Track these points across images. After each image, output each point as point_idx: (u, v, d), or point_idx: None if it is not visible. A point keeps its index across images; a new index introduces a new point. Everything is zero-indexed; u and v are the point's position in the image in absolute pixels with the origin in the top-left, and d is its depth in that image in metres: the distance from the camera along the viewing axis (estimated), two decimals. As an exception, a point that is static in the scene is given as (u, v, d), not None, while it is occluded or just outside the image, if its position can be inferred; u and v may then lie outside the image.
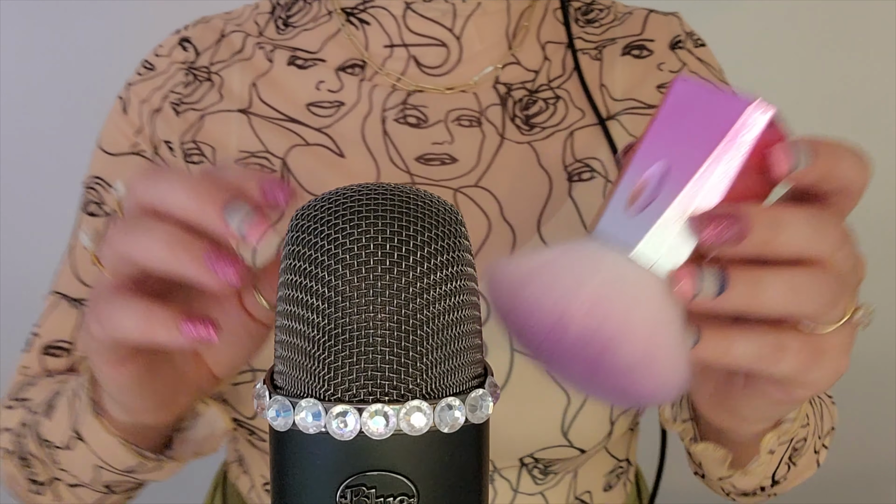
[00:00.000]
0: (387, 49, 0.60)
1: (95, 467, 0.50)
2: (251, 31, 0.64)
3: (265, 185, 0.37)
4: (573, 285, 0.33)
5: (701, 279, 0.32)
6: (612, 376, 0.33)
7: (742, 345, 0.34)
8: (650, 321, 0.32)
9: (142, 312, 0.36)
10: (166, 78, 0.63)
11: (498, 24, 0.61)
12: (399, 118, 0.59)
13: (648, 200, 0.34)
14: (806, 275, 0.33)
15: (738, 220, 0.32)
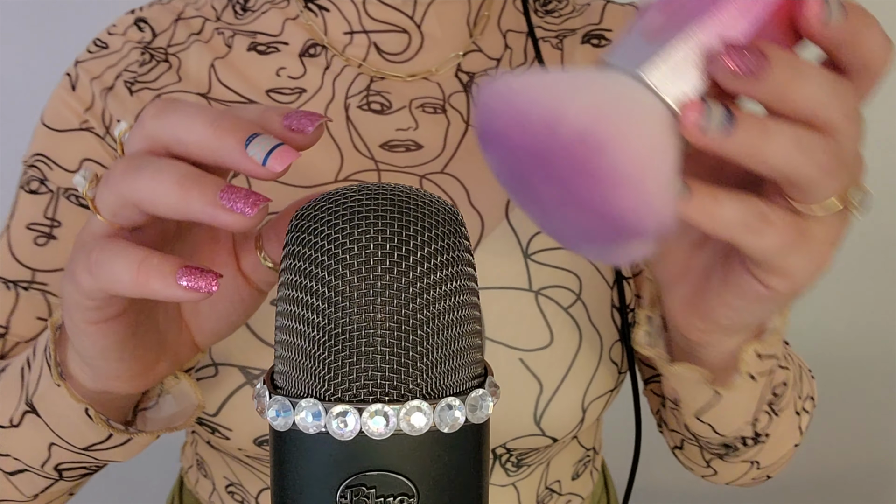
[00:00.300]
0: (347, 36, 0.60)
1: (49, 445, 0.46)
2: (209, 16, 0.62)
3: (289, 118, 0.35)
4: (572, 91, 0.31)
5: (708, 113, 0.31)
6: (598, 185, 0.31)
7: (729, 208, 0.33)
8: (647, 136, 0.31)
9: (138, 261, 0.34)
10: (120, 56, 0.60)
11: (458, 12, 0.61)
12: (362, 105, 0.59)
13: (665, 27, 0.32)
14: (812, 133, 0.32)
15: (758, 55, 0.30)
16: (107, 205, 0.35)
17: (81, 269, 0.35)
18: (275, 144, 0.33)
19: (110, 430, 0.45)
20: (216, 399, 0.53)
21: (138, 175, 0.33)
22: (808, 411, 0.57)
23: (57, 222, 0.59)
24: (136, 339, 0.39)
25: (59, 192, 0.59)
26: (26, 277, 0.58)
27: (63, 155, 0.59)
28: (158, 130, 0.34)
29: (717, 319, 0.40)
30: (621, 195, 0.31)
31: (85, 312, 0.37)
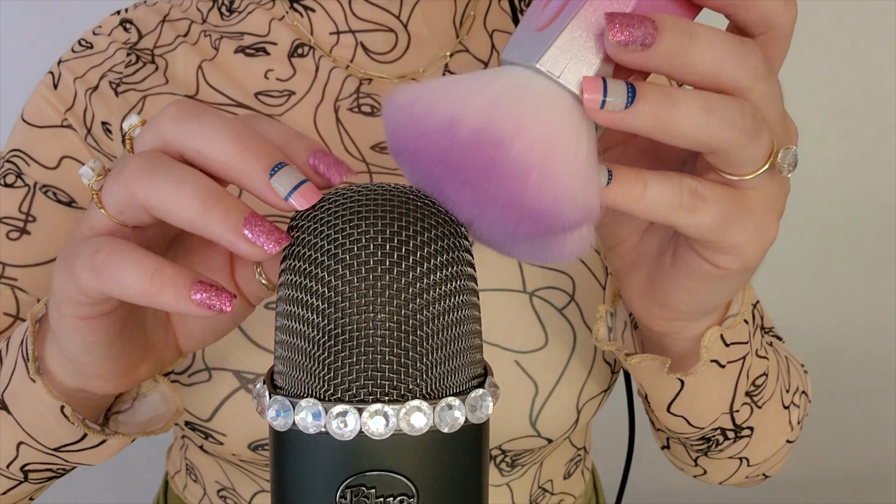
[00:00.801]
0: (333, 36, 0.60)
1: (17, 444, 0.44)
2: (195, 18, 0.62)
3: (318, 159, 0.34)
4: (469, 92, 0.30)
5: (609, 90, 0.30)
6: (506, 180, 0.30)
7: (656, 187, 0.32)
8: (550, 126, 0.30)
9: (151, 270, 0.32)
10: (105, 57, 0.60)
11: (444, 11, 0.61)
12: (353, 107, 0.59)
13: (554, 14, 0.31)
14: (721, 97, 0.30)
15: (646, 22, 0.29)
16: (115, 201, 0.33)
17: (84, 267, 0.33)
18: (301, 181, 0.32)
19: (86, 430, 0.43)
20: (210, 404, 0.52)
21: (156, 179, 0.32)
22: (799, 405, 0.56)
23: (32, 217, 0.57)
24: (122, 338, 0.38)
25: (36, 187, 0.58)
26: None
27: (41, 151, 0.59)
28: (178, 136, 0.33)
29: (675, 305, 0.39)
30: (532, 188, 0.30)
31: (76, 307, 0.35)
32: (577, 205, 0.30)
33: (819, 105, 1.27)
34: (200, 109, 0.33)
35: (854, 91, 1.27)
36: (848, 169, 1.27)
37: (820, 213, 1.26)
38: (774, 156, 0.33)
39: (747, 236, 0.34)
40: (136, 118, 0.35)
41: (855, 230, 1.28)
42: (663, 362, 0.44)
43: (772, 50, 0.33)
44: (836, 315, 1.35)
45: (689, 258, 0.36)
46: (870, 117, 1.27)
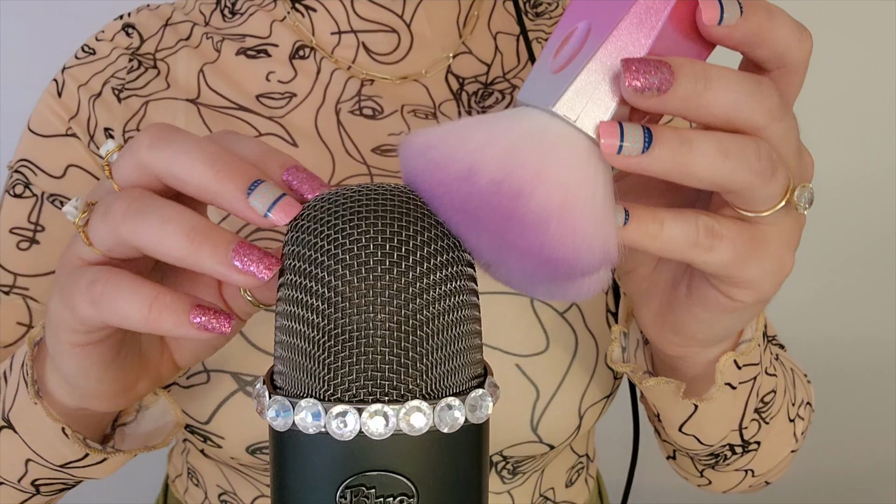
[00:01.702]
0: (334, 36, 0.60)
1: (25, 461, 0.45)
2: (197, 21, 0.62)
3: (291, 174, 0.34)
4: (487, 139, 0.31)
5: (625, 135, 0.30)
6: (525, 230, 0.30)
7: (673, 226, 0.32)
8: (568, 173, 0.30)
9: (150, 298, 0.33)
10: (108, 63, 0.60)
11: (448, 11, 0.61)
12: (354, 110, 0.59)
13: (570, 57, 0.32)
14: (737, 139, 0.31)
15: (662, 67, 0.29)
16: (103, 241, 0.34)
17: (83, 298, 0.34)
18: (278, 196, 0.32)
19: (87, 450, 0.44)
20: (208, 406, 0.52)
21: (142, 221, 0.32)
22: (804, 418, 0.56)
23: (40, 227, 0.58)
24: (118, 359, 0.39)
25: (44, 196, 0.59)
26: (8, 282, 0.58)
27: (47, 160, 0.59)
28: (153, 162, 0.33)
29: (689, 333, 0.39)
30: (551, 237, 0.30)
31: (73, 335, 0.36)
32: (596, 251, 0.31)
33: (819, 106, 1.27)
34: (174, 134, 0.33)
35: (854, 92, 1.27)
36: (848, 169, 1.27)
37: (820, 213, 1.26)
38: (791, 193, 0.33)
39: (763, 271, 0.34)
40: (113, 144, 0.35)
41: (855, 230, 1.28)
42: (678, 386, 0.45)
43: (787, 84, 0.33)
44: (836, 315, 1.35)
45: (704, 290, 0.36)
46: (870, 117, 1.27)
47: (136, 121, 0.58)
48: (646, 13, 0.31)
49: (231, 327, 0.34)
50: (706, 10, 0.31)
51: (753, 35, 0.32)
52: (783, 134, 0.32)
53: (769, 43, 0.32)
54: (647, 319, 0.42)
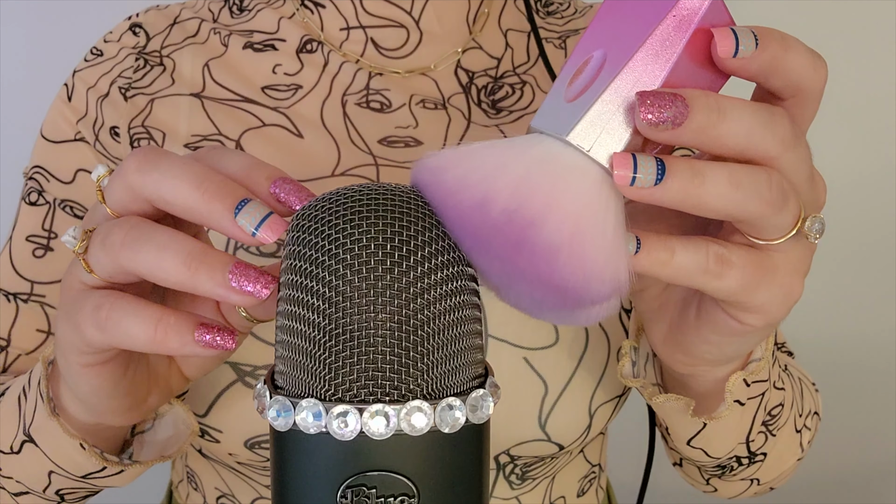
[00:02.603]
0: (343, 32, 0.60)
1: (48, 473, 0.47)
2: (206, 17, 0.63)
3: (278, 187, 0.34)
4: (500, 166, 0.31)
5: (638, 166, 0.30)
6: (536, 259, 0.30)
7: (683, 254, 0.33)
8: (580, 202, 0.30)
9: (155, 320, 0.34)
10: (115, 63, 0.61)
11: (458, 9, 0.61)
12: (361, 102, 0.59)
13: (585, 86, 0.32)
14: (749, 170, 0.31)
15: (676, 100, 0.30)
16: (103, 268, 0.35)
17: (89, 323, 0.35)
18: (266, 214, 0.33)
19: (104, 464, 0.45)
20: (207, 397, 0.52)
21: (140, 248, 0.33)
22: (811, 428, 0.56)
23: (54, 234, 0.59)
24: (127, 377, 0.40)
25: (56, 203, 0.60)
26: (25, 290, 0.59)
27: (59, 166, 0.60)
28: (142, 186, 0.34)
29: (698, 354, 0.40)
30: (562, 267, 0.30)
31: (82, 357, 0.37)
32: (606, 281, 0.31)
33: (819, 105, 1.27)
34: (161, 157, 0.34)
35: (854, 92, 1.27)
36: (848, 169, 1.27)
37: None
38: (802, 222, 0.33)
39: (772, 297, 0.34)
40: (103, 169, 0.36)
41: (854, 230, 1.28)
42: (688, 404, 0.45)
43: (801, 112, 0.34)
44: (836, 315, 1.35)
45: (713, 314, 0.37)
46: (870, 117, 1.27)
47: (141, 118, 0.59)
48: (661, 45, 0.31)
49: (235, 343, 0.35)
50: (721, 43, 0.31)
51: (769, 66, 0.32)
52: (796, 163, 0.32)
53: (784, 73, 0.32)
54: (657, 339, 0.42)
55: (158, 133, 0.58)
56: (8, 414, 0.47)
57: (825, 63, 0.33)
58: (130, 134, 0.59)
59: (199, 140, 0.57)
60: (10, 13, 1.17)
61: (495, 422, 0.52)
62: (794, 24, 1.37)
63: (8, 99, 1.17)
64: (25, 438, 0.46)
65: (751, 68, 0.32)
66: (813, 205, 0.34)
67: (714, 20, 0.31)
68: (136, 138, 0.58)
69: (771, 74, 0.32)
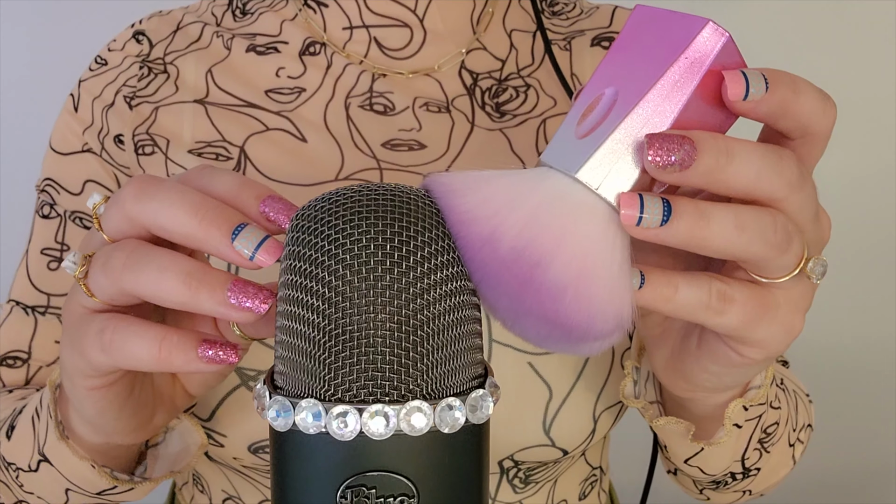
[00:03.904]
0: (346, 31, 0.60)
1: (65, 490, 0.48)
2: (209, 21, 0.63)
3: (267, 206, 0.35)
4: (510, 201, 0.31)
5: (645, 207, 0.31)
6: (542, 297, 0.31)
7: (686, 291, 0.33)
8: (586, 241, 0.31)
9: (158, 340, 0.35)
10: (119, 72, 0.61)
11: (462, 8, 0.61)
12: (364, 105, 0.59)
13: (596, 123, 0.32)
14: (755, 212, 0.31)
15: (685, 143, 0.30)
16: (105, 292, 0.35)
17: (94, 347, 0.36)
18: (262, 238, 0.34)
19: (114, 483, 0.46)
20: (210, 401, 0.53)
21: (140, 272, 0.34)
22: (804, 441, 0.57)
23: (66, 246, 0.61)
24: (132, 397, 0.41)
25: (66, 215, 0.61)
26: (42, 302, 0.60)
27: (68, 178, 0.61)
28: (139, 215, 0.35)
29: (698, 382, 0.40)
30: (567, 306, 0.31)
31: (88, 380, 0.38)
32: (609, 319, 0.31)
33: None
34: (157, 185, 0.35)
35: (854, 93, 1.27)
36: (848, 169, 1.27)
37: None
38: (805, 263, 0.34)
39: (773, 333, 0.35)
40: (99, 197, 0.37)
41: (855, 230, 1.28)
42: (688, 428, 0.46)
43: (808, 151, 0.34)
44: (836, 315, 1.35)
45: (714, 345, 0.37)
46: (870, 117, 1.27)
47: (145, 126, 0.59)
48: (672, 86, 0.31)
49: (238, 357, 0.35)
50: (731, 86, 0.31)
51: (778, 109, 0.32)
52: (802, 204, 0.33)
53: (794, 116, 0.32)
54: (658, 364, 0.42)
55: (162, 140, 0.59)
56: (24, 433, 0.49)
57: (834, 104, 0.33)
58: (135, 142, 0.59)
59: (203, 146, 0.58)
60: (11, 13, 1.17)
61: (499, 427, 0.52)
62: (795, 24, 1.38)
63: (8, 99, 1.17)
64: (41, 458, 0.47)
65: (760, 111, 0.32)
66: (817, 243, 0.35)
67: (725, 61, 0.32)
68: (141, 145, 0.59)
69: (780, 117, 0.33)
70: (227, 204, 0.35)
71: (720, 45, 0.31)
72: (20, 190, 1.24)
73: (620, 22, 0.65)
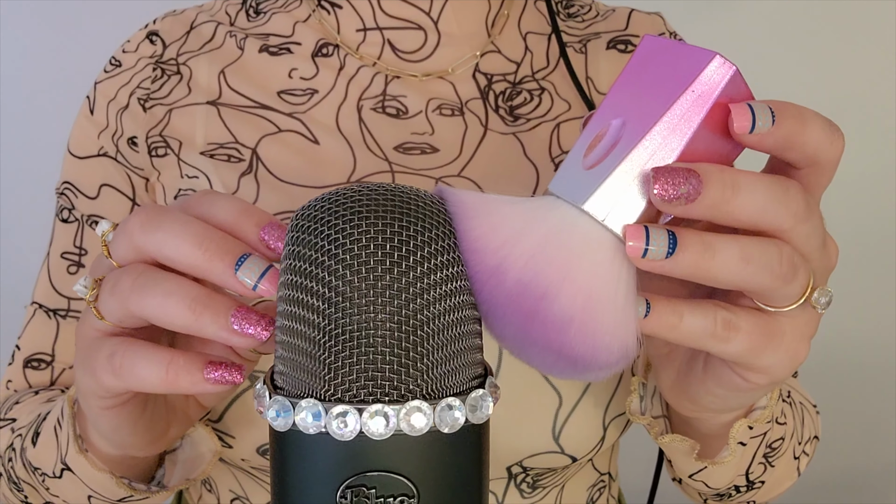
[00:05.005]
0: (360, 33, 0.60)
1: (88, 497, 0.49)
2: (222, 21, 0.63)
3: (267, 233, 0.36)
4: (517, 232, 0.32)
5: (651, 239, 0.31)
6: (547, 330, 0.31)
7: (691, 319, 0.33)
8: (592, 273, 0.31)
9: (166, 363, 0.36)
10: (132, 73, 0.62)
11: (476, 11, 0.61)
12: (377, 107, 0.59)
13: (603, 154, 0.32)
14: (760, 244, 0.32)
15: (691, 177, 0.30)
16: (114, 315, 0.37)
17: (105, 370, 0.37)
18: (265, 268, 0.35)
19: (132, 492, 0.48)
20: (219, 404, 0.53)
21: (147, 295, 0.35)
22: (809, 453, 0.57)
23: (84, 250, 0.61)
24: (146, 414, 0.42)
25: (83, 219, 0.61)
26: (63, 306, 0.61)
27: (85, 182, 0.62)
28: (146, 245, 0.36)
29: (704, 403, 0.41)
30: (572, 338, 0.31)
31: (101, 401, 0.39)
32: (614, 351, 0.32)
33: (819, 106, 1.27)
34: (162, 217, 0.35)
35: (854, 92, 1.27)
36: (848, 169, 1.27)
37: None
38: (810, 293, 0.34)
39: (778, 360, 0.35)
40: (107, 224, 0.38)
41: (855, 230, 1.28)
42: (693, 447, 0.47)
43: (815, 181, 0.34)
44: (836, 315, 1.35)
45: (719, 370, 0.37)
46: (870, 117, 1.27)
47: (159, 128, 0.60)
48: (679, 119, 0.31)
49: (243, 377, 0.36)
50: (738, 120, 0.32)
51: (785, 141, 0.32)
52: (808, 234, 0.33)
53: (800, 147, 0.32)
54: (664, 383, 0.43)
55: (175, 142, 0.59)
56: (48, 440, 0.50)
57: (842, 134, 0.33)
58: (148, 143, 0.60)
59: (215, 148, 0.58)
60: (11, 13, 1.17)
61: (508, 432, 0.53)
62: (795, 24, 1.38)
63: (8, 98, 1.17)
64: (63, 466, 0.48)
65: (767, 144, 0.32)
66: (824, 271, 0.35)
67: (732, 93, 0.32)
68: (154, 147, 0.60)
69: (787, 149, 0.33)
70: (228, 232, 0.36)
71: (727, 79, 0.31)
72: (19, 189, 1.24)
73: (636, 25, 0.64)
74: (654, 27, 0.65)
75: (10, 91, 1.19)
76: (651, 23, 0.65)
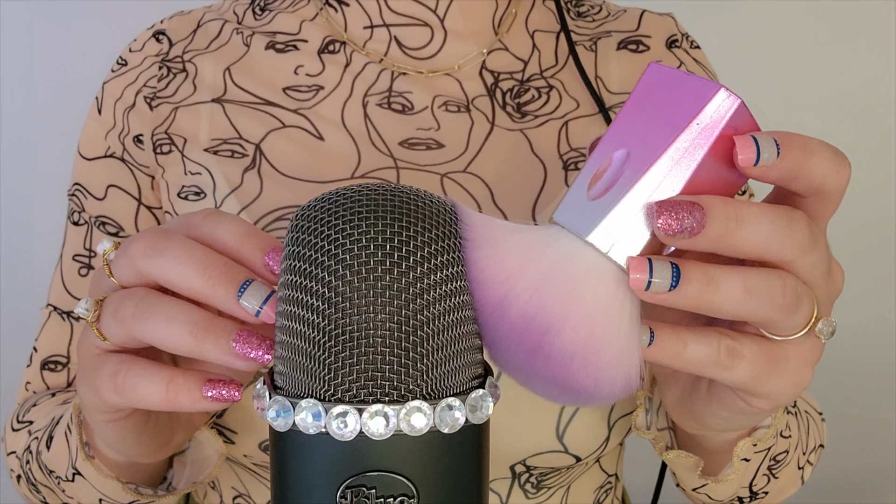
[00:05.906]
0: (367, 31, 0.60)
1: (99, 500, 0.50)
2: (230, 19, 0.63)
3: (272, 259, 0.36)
4: (522, 265, 0.32)
5: (654, 271, 0.31)
6: (551, 364, 0.32)
7: (695, 347, 0.33)
8: (595, 306, 0.31)
9: (166, 381, 0.36)
10: (139, 72, 0.62)
11: (484, 9, 0.61)
12: (382, 103, 0.59)
13: (608, 186, 0.33)
14: (764, 276, 0.32)
15: (694, 210, 0.31)
16: (116, 337, 0.37)
17: (107, 388, 0.37)
18: (267, 295, 0.35)
19: (139, 497, 0.49)
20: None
21: (148, 320, 0.35)
22: (813, 462, 0.57)
23: (93, 252, 0.62)
24: (149, 424, 0.42)
25: (91, 221, 0.62)
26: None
27: (93, 183, 0.62)
28: (149, 270, 0.36)
29: (708, 423, 0.41)
30: (575, 372, 0.31)
31: (104, 415, 0.40)
32: (617, 383, 0.32)
33: (819, 106, 1.27)
34: (165, 242, 0.36)
35: (854, 92, 1.27)
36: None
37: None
38: (814, 322, 0.34)
39: (782, 386, 0.35)
40: (109, 243, 0.38)
41: (855, 230, 1.28)
42: (697, 463, 0.47)
43: (821, 209, 0.34)
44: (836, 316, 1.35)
45: (723, 393, 0.37)
46: (870, 118, 1.27)
47: (164, 126, 0.60)
48: (684, 151, 0.31)
49: (241, 394, 0.37)
50: (742, 152, 0.31)
51: (790, 173, 0.32)
52: (813, 264, 0.33)
53: (806, 178, 0.32)
54: (669, 402, 0.43)
55: (180, 139, 0.60)
56: (60, 444, 0.51)
57: (848, 164, 0.33)
58: (154, 141, 0.60)
59: (218, 143, 0.58)
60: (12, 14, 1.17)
61: (511, 431, 0.53)
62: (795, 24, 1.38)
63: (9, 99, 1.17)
64: (75, 471, 0.49)
65: (772, 176, 0.32)
66: (829, 297, 0.35)
67: (737, 124, 0.32)
68: (159, 145, 0.60)
69: (792, 180, 0.32)
70: (231, 255, 0.36)
71: (732, 111, 0.31)
72: (20, 190, 1.24)
73: (648, 26, 0.64)
74: (665, 28, 0.65)
75: (10, 91, 1.19)
76: (663, 23, 0.65)
